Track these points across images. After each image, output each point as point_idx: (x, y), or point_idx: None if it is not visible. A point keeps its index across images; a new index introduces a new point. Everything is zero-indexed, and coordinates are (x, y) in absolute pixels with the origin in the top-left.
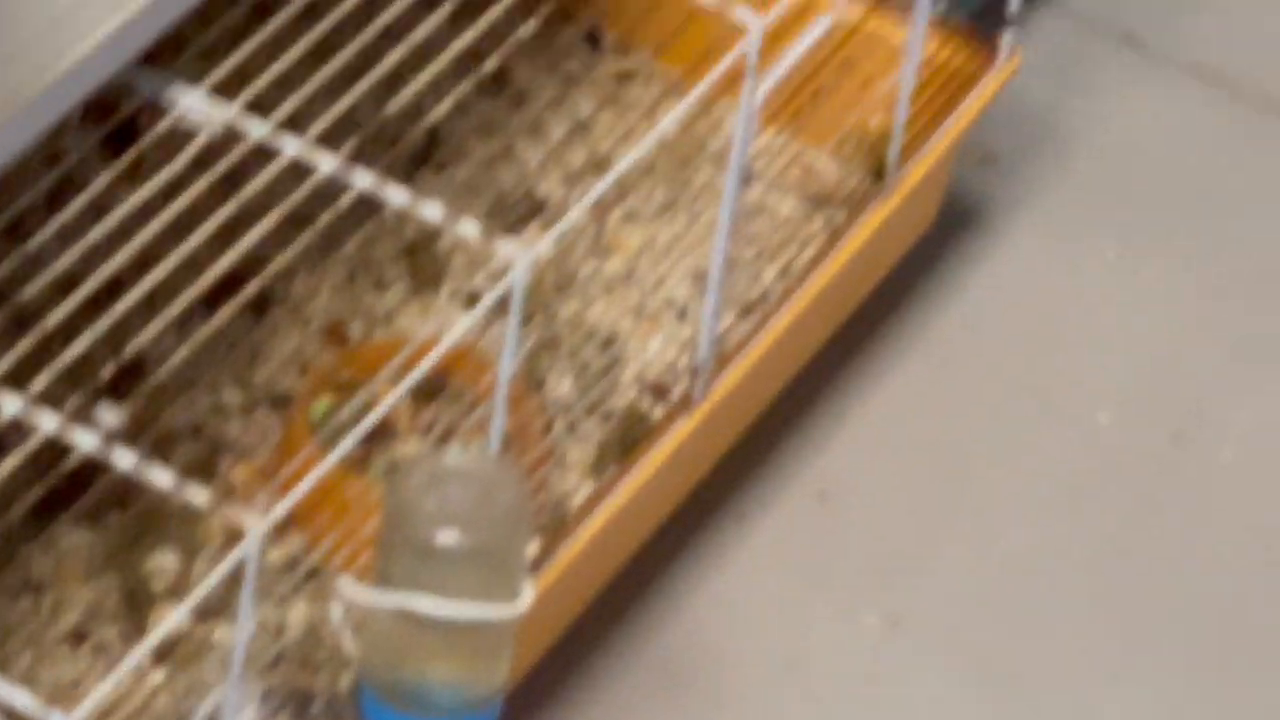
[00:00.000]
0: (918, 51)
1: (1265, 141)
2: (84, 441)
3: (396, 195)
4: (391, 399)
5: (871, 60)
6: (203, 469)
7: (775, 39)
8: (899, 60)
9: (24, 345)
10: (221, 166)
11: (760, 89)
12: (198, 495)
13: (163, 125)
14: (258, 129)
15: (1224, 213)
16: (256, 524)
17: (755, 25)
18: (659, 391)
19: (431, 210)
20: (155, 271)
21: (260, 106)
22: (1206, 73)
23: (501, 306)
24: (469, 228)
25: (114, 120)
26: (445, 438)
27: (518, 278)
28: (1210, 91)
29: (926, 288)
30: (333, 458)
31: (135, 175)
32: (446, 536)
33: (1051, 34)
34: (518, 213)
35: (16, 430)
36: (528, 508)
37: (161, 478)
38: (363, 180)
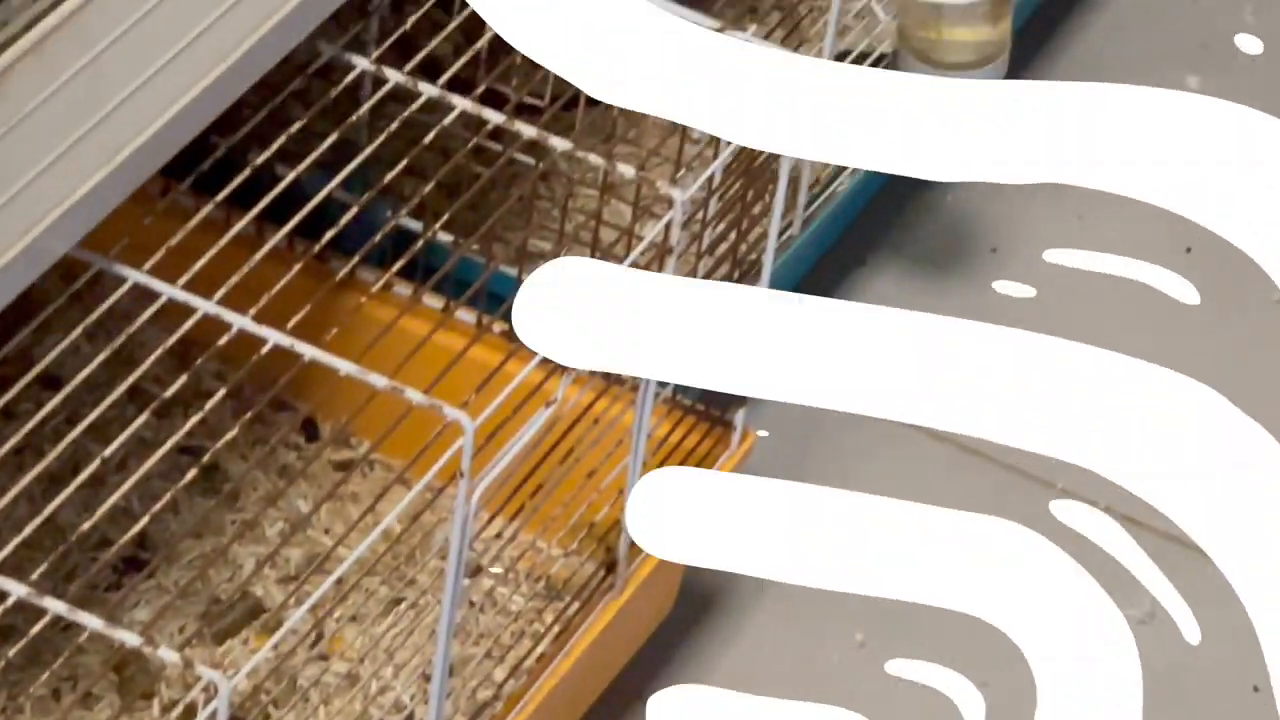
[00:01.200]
0: (643, 439)
1: (1014, 504)
2: None
3: (91, 620)
4: None
5: (602, 445)
6: None
7: (499, 425)
8: (629, 444)
9: None
10: None
11: (478, 488)
12: None
13: None
14: None
15: None
16: None
17: (467, 427)
18: None
19: (128, 635)
20: None
21: None
22: (947, 433)
23: None
24: (168, 654)
25: None
26: None
27: (221, 705)
28: (952, 452)
29: (665, 679)
30: None
31: None
32: None
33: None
34: (232, 618)
35: None
36: None
37: None
38: (55, 605)
